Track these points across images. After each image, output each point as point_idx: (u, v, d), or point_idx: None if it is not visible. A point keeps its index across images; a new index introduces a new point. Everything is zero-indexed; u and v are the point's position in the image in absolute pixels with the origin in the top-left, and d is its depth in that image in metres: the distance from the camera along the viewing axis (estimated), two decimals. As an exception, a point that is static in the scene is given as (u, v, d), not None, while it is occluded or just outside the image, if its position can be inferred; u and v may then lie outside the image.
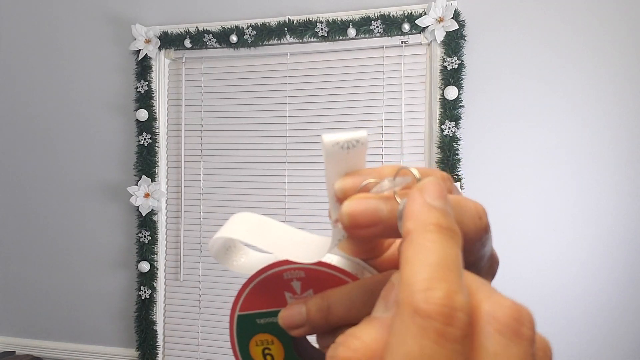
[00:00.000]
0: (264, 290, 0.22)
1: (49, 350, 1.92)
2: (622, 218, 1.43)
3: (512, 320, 0.13)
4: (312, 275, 0.22)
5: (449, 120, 1.47)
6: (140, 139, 1.74)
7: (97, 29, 1.84)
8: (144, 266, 1.74)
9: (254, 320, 0.23)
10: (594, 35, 1.45)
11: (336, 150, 0.17)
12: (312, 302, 0.20)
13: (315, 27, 1.58)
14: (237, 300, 0.23)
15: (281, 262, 0.22)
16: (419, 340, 0.12)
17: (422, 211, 0.15)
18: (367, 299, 0.19)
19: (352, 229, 0.17)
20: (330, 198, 0.18)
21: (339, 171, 0.18)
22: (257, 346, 0.23)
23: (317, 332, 0.21)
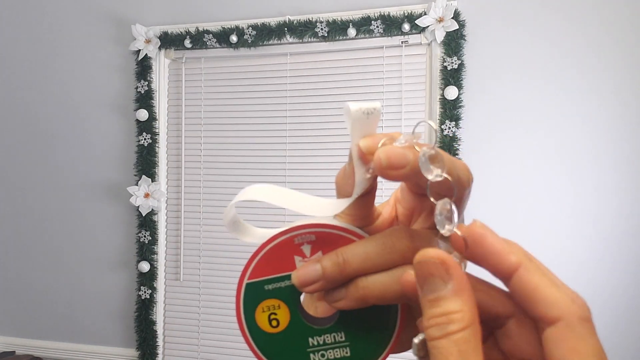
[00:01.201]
0: (274, 256, 0.24)
1: (49, 350, 1.92)
2: (622, 218, 1.43)
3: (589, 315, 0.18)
4: (322, 237, 0.23)
5: (449, 120, 1.47)
6: (140, 139, 1.74)
7: (97, 29, 1.84)
8: (144, 266, 1.74)
9: (262, 287, 0.24)
10: (594, 35, 1.45)
11: (360, 116, 0.21)
12: (326, 258, 0.22)
13: (315, 27, 1.58)
14: (247, 269, 0.24)
15: (293, 228, 0.23)
16: (593, 337, 0.17)
17: (509, 244, 0.19)
18: (381, 250, 0.21)
19: (388, 169, 0.20)
20: (354, 155, 0.22)
21: (361, 133, 0.21)
22: (263, 312, 0.24)
23: (329, 287, 0.22)
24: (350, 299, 0.22)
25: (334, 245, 0.23)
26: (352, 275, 0.22)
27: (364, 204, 0.24)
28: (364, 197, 0.23)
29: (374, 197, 0.24)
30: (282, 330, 0.24)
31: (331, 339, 0.24)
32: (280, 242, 0.24)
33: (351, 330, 0.24)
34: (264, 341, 0.24)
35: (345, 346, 0.24)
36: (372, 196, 0.24)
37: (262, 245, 0.24)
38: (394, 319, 0.24)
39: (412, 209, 0.25)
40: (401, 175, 0.20)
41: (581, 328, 0.17)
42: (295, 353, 0.24)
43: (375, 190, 0.24)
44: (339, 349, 0.24)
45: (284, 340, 0.24)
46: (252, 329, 0.24)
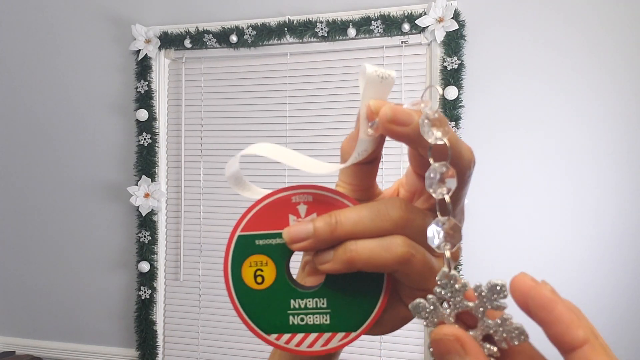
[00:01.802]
0: (269, 212, 0.24)
1: (49, 350, 1.92)
2: (622, 218, 1.43)
3: None
4: (319, 199, 0.24)
5: (449, 120, 1.47)
6: (140, 139, 1.74)
7: (97, 29, 1.84)
8: (144, 266, 1.74)
9: (253, 241, 0.24)
10: (594, 35, 1.45)
11: (374, 78, 0.21)
12: (319, 218, 0.22)
13: (315, 27, 1.58)
14: (241, 221, 0.24)
15: (293, 187, 0.24)
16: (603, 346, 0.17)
17: (582, 320, 0.18)
18: (374, 216, 0.22)
19: (391, 123, 0.20)
20: (362, 115, 0.22)
21: (373, 96, 0.22)
22: (250, 267, 0.24)
23: (318, 247, 0.23)
24: (337, 261, 0.22)
25: (330, 208, 0.23)
26: (343, 237, 0.22)
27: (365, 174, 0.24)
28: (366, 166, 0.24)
29: (376, 169, 0.25)
30: (266, 288, 0.24)
31: (313, 304, 0.24)
32: (278, 198, 0.24)
33: (334, 298, 0.24)
34: (246, 296, 0.24)
35: (326, 313, 0.24)
36: (374, 167, 0.24)
37: (259, 199, 0.24)
38: (377, 294, 0.24)
39: (414, 192, 0.26)
40: (404, 133, 0.21)
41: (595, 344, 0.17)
42: (274, 312, 0.24)
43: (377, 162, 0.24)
44: (320, 315, 0.24)
45: (266, 298, 0.24)
46: (237, 283, 0.24)
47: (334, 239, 0.22)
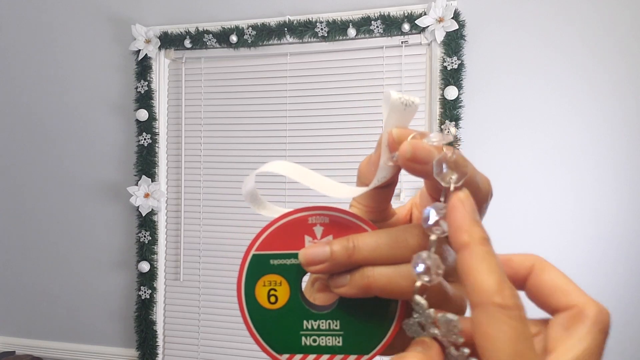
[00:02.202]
0: (285, 232, 0.24)
1: (49, 350, 1.92)
2: (622, 218, 1.43)
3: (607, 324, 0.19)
4: (335, 221, 0.24)
5: (449, 120, 1.47)
6: (140, 139, 1.74)
7: (97, 29, 1.84)
8: (144, 266, 1.74)
9: (268, 261, 0.24)
10: (594, 35, 1.45)
11: (398, 105, 0.21)
12: (336, 242, 0.22)
13: (315, 27, 1.58)
14: (256, 239, 0.24)
15: (310, 208, 0.24)
16: (513, 324, 0.17)
17: (471, 225, 0.19)
18: (392, 244, 0.22)
19: (410, 161, 0.21)
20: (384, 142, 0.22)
21: (395, 123, 0.22)
22: (264, 286, 0.24)
23: (334, 270, 0.23)
24: (353, 286, 0.22)
25: (346, 231, 0.23)
26: (360, 263, 0.22)
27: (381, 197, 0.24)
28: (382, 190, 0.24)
29: (392, 192, 0.25)
30: (279, 308, 0.24)
31: (326, 326, 0.24)
32: (294, 219, 0.24)
33: (347, 321, 0.24)
34: (259, 315, 0.24)
35: (339, 335, 0.24)
36: (391, 191, 0.24)
37: (275, 219, 0.24)
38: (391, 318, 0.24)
39: None
40: (423, 171, 0.21)
41: (499, 315, 0.18)
42: (287, 332, 0.24)
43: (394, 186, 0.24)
44: (332, 337, 0.24)
45: (279, 318, 0.24)
46: (250, 301, 0.24)
47: (350, 263, 0.22)
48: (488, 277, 0.18)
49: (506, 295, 0.17)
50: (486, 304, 0.18)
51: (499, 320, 0.17)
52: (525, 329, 0.17)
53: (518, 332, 0.17)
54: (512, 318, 0.17)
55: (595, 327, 0.19)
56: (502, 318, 0.17)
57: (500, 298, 0.17)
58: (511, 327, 0.17)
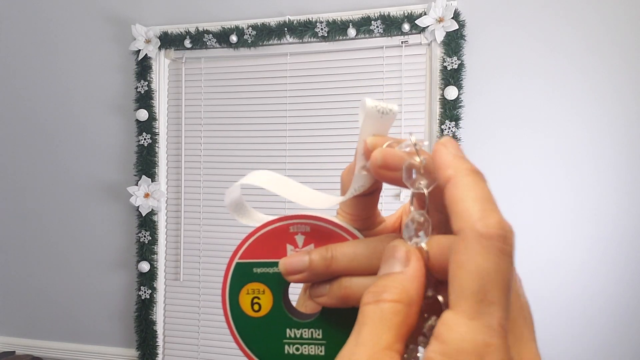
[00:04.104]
0: (267, 241, 0.24)
1: (49, 350, 1.92)
2: (622, 218, 1.43)
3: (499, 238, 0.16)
4: (317, 230, 0.24)
5: (449, 120, 1.47)
6: (140, 139, 1.74)
7: (97, 29, 1.84)
8: (144, 266, 1.74)
9: (251, 269, 0.24)
10: (594, 35, 1.45)
11: (374, 113, 0.21)
12: (315, 251, 0.22)
13: (315, 27, 1.58)
14: (239, 248, 0.24)
15: (291, 216, 0.24)
16: (486, 256, 0.15)
17: (455, 160, 0.18)
18: (370, 254, 0.21)
19: (381, 168, 0.20)
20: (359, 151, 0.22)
21: (371, 131, 0.21)
22: (247, 294, 0.24)
23: (313, 280, 0.23)
24: (332, 296, 0.22)
25: (327, 240, 0.23)
26: (338, 273, 0.22)
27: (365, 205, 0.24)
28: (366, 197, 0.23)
29: (377, 199, 0.24)
30: (263, 316, 0.24)
31: (308, 335, 0.24)
32: (276, 227, 0.24)
33: (329, 330, 0.24)
34: (243, 323, 0.24)
35: (321, 345, 0.24)
36: (375, 198, 0.24)
37: (258, 227, 0.24)
38: None
39: None
40: (394, 178, 0.20)
41: (474, 244, 0.16)
42: (270, 341, 0.24)
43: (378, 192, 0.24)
44: (315, 346, 0.24)
45: (262, 326, 0.24)
46: (234, 309, 0.25)
47: (329, 273, 0.22)
48: (473, 204, 0.16)
49: (490, 224, 0.16)
50: (465, 229, 0.16)
51: (474, 250, 0.15)
52: (503, 265, 0.15)
53: (492, 266, 0.15)
54: (489, 249, 0.15)
55: (481, 247, 0.16)
56: (477, 247, 0.15)
57: (483, 225, 0.16)
58: (486, 259, 0.15)
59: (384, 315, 0.17)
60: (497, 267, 0.15)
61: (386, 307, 0.17)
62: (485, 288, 0.15)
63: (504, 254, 0.15)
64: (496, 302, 0.15)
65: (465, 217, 0.16)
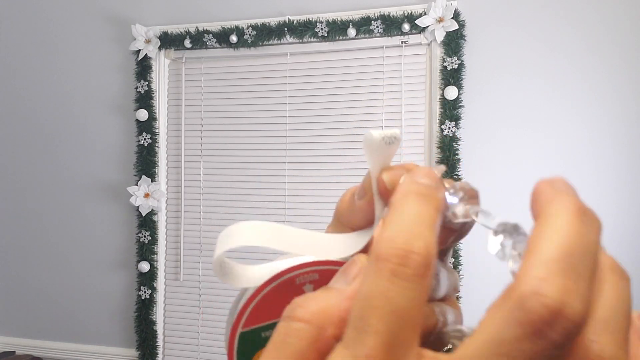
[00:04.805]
0: (272, 300, 0.22)
1: (49, 350, 1.92)
2: (622, 218, 1.43)
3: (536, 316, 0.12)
4: (326, 275, 0.21)
5: (449, 120, 1.47)
6: (140, 139, 1.74)
7: (97, 29, 1.84)
8: (144, 266, 1.74)
9: (259, 335, 0.22)
10: (594, 35, 1.45)
11: (382, 145, 0.20)
12: None
13: (315, 27, 1.58)
14: (241, 316, 0.22)
15: (294, 267, 0.21)
16: (375, 280, 0.13)
17: (406, 185, 0.16)
18: None
19: None
20: (375, 191, 0.20)
21: (381, 163, 0.20)
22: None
23: None
24: None
25: None
26: None
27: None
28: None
29: None
30: None
31: None
32: (280, 283, 0.21)
33: None
34: None
35: None
36: None
37: (258, 289, 0.22)
38: None
39: None
40: None
41: (369, 265, 0.14)
42: None
43: None
44: None
45: None
46: None
47: None
48: (389, 227, 0.14)
49: (383, 240, 0.14)
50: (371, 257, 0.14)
51: (366, 272, 0.14)
52: (394, 291, 0.13)
53: (377, 290, 0.13)
54: (379, 272, 0.13)
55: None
56: (369, 270, 0.14)
57: (376, 243, 0.14)
58: (371, 282, 0.13)
59: (286, 339, 0.15)
60: (383, 292, 0.13)
61: (293, 327, 0.15)
62: (364, 314, 0.13)
63: (396, 277, 0.13)
64: (372, 331, 0.13)
65: (376, 241, 0.14)
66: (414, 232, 0.14)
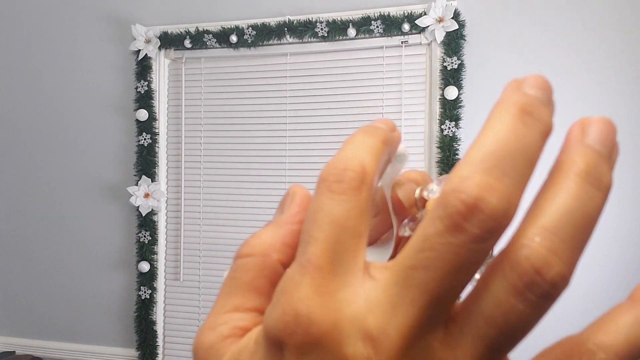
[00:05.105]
0: None
1: (49, 350, 1.92)
2: (623, 218, 1.43)
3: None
4: None
5: (449, 120, 1.47)
6: (140, 139, 1.74)
7: (97, 29, 1.84)
8: (144, 266, 1.74)
9: None
10: (595, 35, 1.45)
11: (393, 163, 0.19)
12: None
13: (315, 27, 1.58)
14: None
15: None
16: (316, 199, 0.14)
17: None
18: None
19: None
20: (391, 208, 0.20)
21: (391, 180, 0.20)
22: None
23: None
24: None
25: None
26: None
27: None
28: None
29: None
30: None
31: None
32: None
33: None
34: None
35: None
36: None
37: None
38: None
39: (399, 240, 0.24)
40: None
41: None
42: None
43: None
44: None
45: None
46: None
47: None
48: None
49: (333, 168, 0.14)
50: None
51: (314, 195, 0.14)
52: (328, 206, 0.14)
53: (314, 205, 0.14)
54: (320, 190, 0.14)
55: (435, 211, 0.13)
56: (315, 193, 0.14)
57: (327, 172, 0.14)
58: (314, 201, 0.14)
59: (234, 275, 0.16)
60: (321, 206, 0.14)
61: (240, 263, 0.16)
62: (308, 228, 0.14)
63: (332, 192, 0.14)
64: (313, 241, 0.13)
65: None
66: (351, 155, 0.15)
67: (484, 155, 0.13)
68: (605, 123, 0.15)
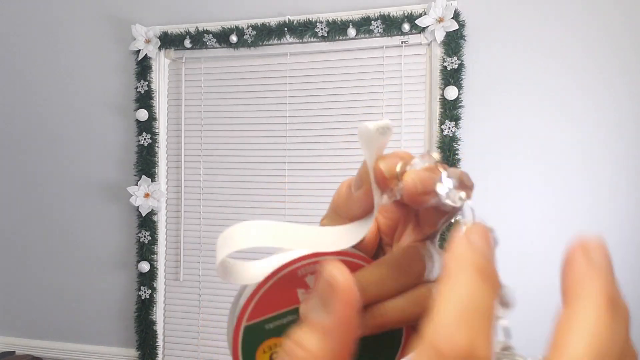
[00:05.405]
0: (275, 293, 0.22)
1: (49, 350, 1.92)
2: (622, 218, 1.43)
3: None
4: None
5: (449, 120, 1.47)
6: (140, 139, 1.74)
7: (97, 29, 1.84)
8: (144, 266, 1.74)
9: (263, 327, 0.22)
10: (593, 36, 1.45)
11: (376, 135, 0.20)
12: None
13: (315, 27, 1.58)
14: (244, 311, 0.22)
15: (295, 260, 0.21)
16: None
17: (465, 251, 0.14)
18: (396, 275, 0.20)
19: (422, 195, 0.19)
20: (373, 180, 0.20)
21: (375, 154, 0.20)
22: (264, 353, 0.22)
23: None
24: (367, 326, 0.20)
25: None
26: (370, 302, 0.20)
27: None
28: None
29: None
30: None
31: None
32: (282, 276, 0.22)
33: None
34: None
35: None
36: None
37: (260, 283, 0.22)
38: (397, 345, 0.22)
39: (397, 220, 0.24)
40: (427, 201, 0.19)
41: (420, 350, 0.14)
42: None
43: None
44: None
45: None
46: None
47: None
48: (448, 309, 0.13)
49: (454, 343, 0.12)
50: (427, 341, 0.13)
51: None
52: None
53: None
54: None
55: None
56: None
57: (445, 342, 0.13)
58: None
59: None
60: None
61: None
62: None
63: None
64: None
65: (433, 323, 0.13)
66: (477, 331, 0.13)
67: (587, 357, 0.12)
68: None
